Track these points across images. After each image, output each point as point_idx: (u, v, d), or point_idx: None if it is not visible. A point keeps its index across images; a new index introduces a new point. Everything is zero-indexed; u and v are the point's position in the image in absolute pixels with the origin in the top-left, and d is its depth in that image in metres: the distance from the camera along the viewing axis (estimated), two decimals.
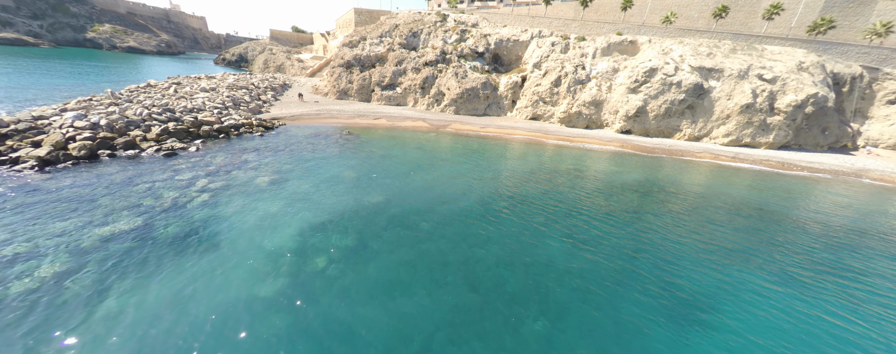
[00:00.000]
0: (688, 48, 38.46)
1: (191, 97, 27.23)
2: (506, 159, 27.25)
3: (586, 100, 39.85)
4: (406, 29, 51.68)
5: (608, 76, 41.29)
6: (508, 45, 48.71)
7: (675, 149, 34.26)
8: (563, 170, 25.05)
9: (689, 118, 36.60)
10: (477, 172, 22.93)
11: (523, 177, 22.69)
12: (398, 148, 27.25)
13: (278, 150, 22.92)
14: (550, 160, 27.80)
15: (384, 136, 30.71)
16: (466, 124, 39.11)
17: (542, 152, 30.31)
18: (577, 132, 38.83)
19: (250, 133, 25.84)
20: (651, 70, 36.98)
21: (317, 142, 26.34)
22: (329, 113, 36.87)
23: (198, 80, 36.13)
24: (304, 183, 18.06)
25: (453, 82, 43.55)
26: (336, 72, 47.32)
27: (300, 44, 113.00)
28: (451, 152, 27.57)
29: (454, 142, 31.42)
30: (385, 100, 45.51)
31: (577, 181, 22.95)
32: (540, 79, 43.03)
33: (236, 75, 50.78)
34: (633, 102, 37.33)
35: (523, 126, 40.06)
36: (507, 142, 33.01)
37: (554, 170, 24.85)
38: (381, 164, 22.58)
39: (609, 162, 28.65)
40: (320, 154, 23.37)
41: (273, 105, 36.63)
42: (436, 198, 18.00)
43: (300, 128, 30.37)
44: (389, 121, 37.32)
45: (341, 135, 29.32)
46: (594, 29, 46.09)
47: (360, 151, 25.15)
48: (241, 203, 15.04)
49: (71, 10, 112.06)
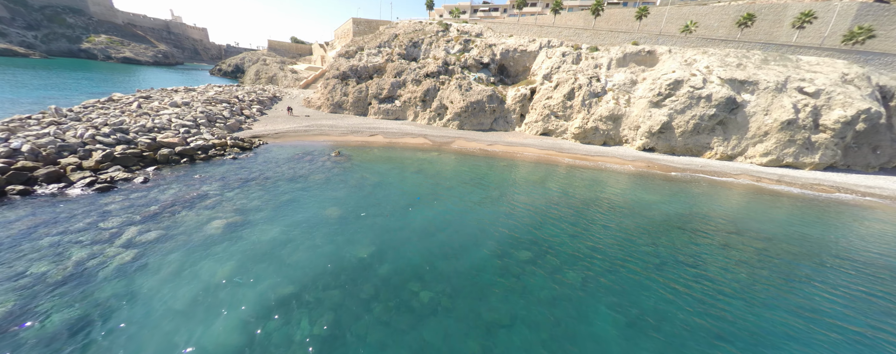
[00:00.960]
0: (714, 59, 35.12)
1: (156, 114, 23.61)
2: (520, 185, 23.34)
3: (603, 114, 36.28)
4: (406, 39, 48.72)
5: (626, 88, 37.85)
6: (515, 56, 45.57)
7: (708, 169, 30.40)
8: (589, 200, 21.09)
9: (720, 135, 32.88)
10: (488, 206, 18.98)
11: (544, 212, 18.72)
12: (395, 172, 23.39)
13: (249, 179, 19.03)
14: (572, 185, 23.89)
15: (380, 157, 26.91)
16: (472, 140, 35.42)
17: (560, 174, 26.44)
18: (594, 149, 35.08)
19: (222, 155, 22.03)
20: (676, 82, 33.51)
21: (299, 165, 22.51)
22: (320, 129, 33.21)
23: (172, 93, 32.62)
24: (272, 227, 14.08)
25: (457, 95, 40.14)
26: (330, 83, 44.01)
27: (299, 54, 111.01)
28: (457, 177, 23.70)
29: (459, 162, 27.61)
30: (383, 114, 42.00)
31: (610, 215, 18.95)
32: (551, 92, 39.60)
33: (221, 87, 47.52)
34: (657, 117, 33.70)
35: (534, 142, 36.37)
36: (519, 162, 29.18)
37: (579, 200, 20.90)
38: (373, 196, 18.65)
39: (639, 186, 24.72)
40: (300, 183, 19.47)
41: (257, 120, 33.02)
42: (439, 248, 13.99)
43: (283, 147, 26.60)
44: (387, 137, 33.64)
45: (330, 156, 25.52)
46: (607, 38, 43.00)
47: (350, 178, 21.28)
48: (176, 266, 11.02)
49: (67, 21, 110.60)
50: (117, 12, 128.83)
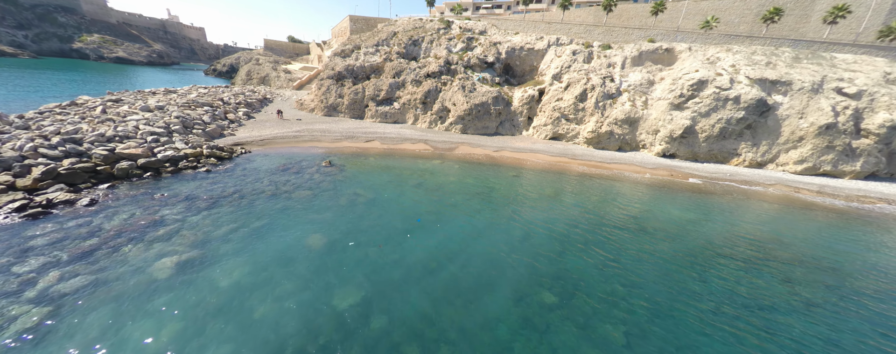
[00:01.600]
0: (740, 57, 32.30)
1: (122, 120, 20.93)
2: (533, 200, 20.58)
3: (618, 117, 33.50)
4: (405, 37, 45.95)
5: (642, 89, 35.06)
6: (522, 54, 42.79)
7: (737, 177, 27.62)
8: (613, 218, 18.34)
9: (748, 140, 30.08)
10: (499, 229, 16.24)
11: (565, 235, 15.98)
12: (392, 186, 20.66)
13: (221, 197, 16.31)
14: (591, 199, 21.13)
15: (376, 167, 24.19)
16: (476, 146, 32.69)
17: (575, 185, 23.67)
18: (609, 155, 32.30)
19: (195, 167, 19.31)
20: (700, 82, 30.72)
21: (284, 178, 19.79)
22: (311, 134, 30.48)
23: (149, 96, 29.83)
24: (237, 266, 11.36)
25: (460, 96, 37.39)
26: (325, 84, 41.28)
27: (296, 54, 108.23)
28: (462, 190, 20.97)
29: (463, 172, 24.88)
30: (380, 117, 39.27)
31: (642, 239, 16.19)
32: (561, 93, 36.83)
33: (207, 88, 44.76)
34: (678, 121, 30.91)
35: (544, 148, 33.62)
36: (528, 171, 26.42)
37: (602, 219, 18.15)
38: (366, 218, 15.92)
39: (666, 200, 21.95)
40: (282, 201, 16.75)
41: (243, 125, 30.30)
42: (444, 291, 11.29)
43: (268, 156, 23.89)
44: (384, 143, 30.92)
45: (320, 166, 22.80)
46: (621, 35, 40.19)
47: (341, 194, 18.55)
48: (96, 332, 8.30)
49: (58, 20, 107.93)
50: (111, 11, 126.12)
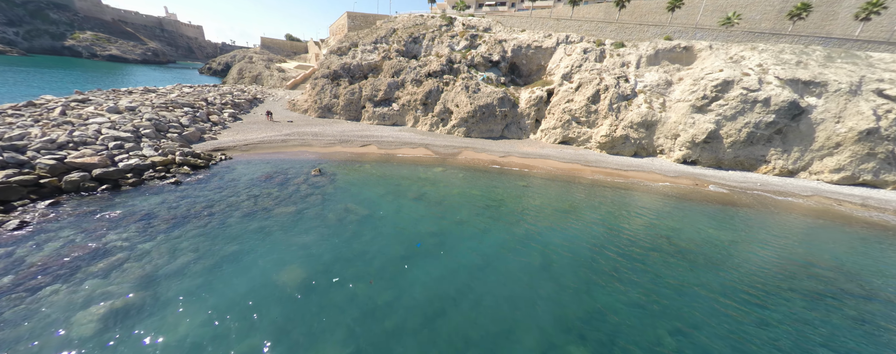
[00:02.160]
0: (767, 55, 29.85)
1: (82, 123, 18.48)
2: (548, 215, 18.11)
3: (634, 120, 31.05)
4: (405, 34, 43.50)
5: (660, 90, 32.62)
6: (528, 53, 40.34)
7: (769, 187, 25.19)
8: (644, 239, 15.88)
9: (778, 146, 27.64)
10: (514, 254, 13.78)
11: (590, 262, 13.52)
12: (389, 199, 18.20)
13: (187, 216, 13.84)
14: (614, 214, 18.67)
15: (372, 176, 21.72)
16: (481, 151, 30.24)
17: (593, 196, 21.20)
18: (625, 162, 29.85)
19: (163, 178, 16.86)
20: (725, 83, 28.27)
21: (265, 190, 17.33)
22: (301, 138, 28.01)
23: (123, 95, 27.28)
24: (185, 316, 8.90)
25: (463, 97, 34.94)
26: (319, 84, 38.80)
27: (294, 52, 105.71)
28: (467, 204, 18.52)
29: (469, 181, 22.42)
30: (378, 119, 36.81)
31: (682, 267, 13.73)
32: (572, 94, 34.38)
33: (192, 87, 42.27)
34: (701, 125, 28.46)
35: (554, 153, 31.17)
36: (539, 180, 23.96)
37: (630, 239, 15.69)
38: (356, 243, 13.47)
39: (698, 215, 19.49)
40: (259, 220, 14.28)
41: (228, 127, 27.82)
42: (450, 346, 8.82)
43: (251, 163, 21.42)
44: (382, 148, 28.46)
45: (309, 175, 20.33)
46: (635, 33, 37.75)
47: (330, 210, 16.10)
48: None
49: (51, 17, 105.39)
50: (105, 8, 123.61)
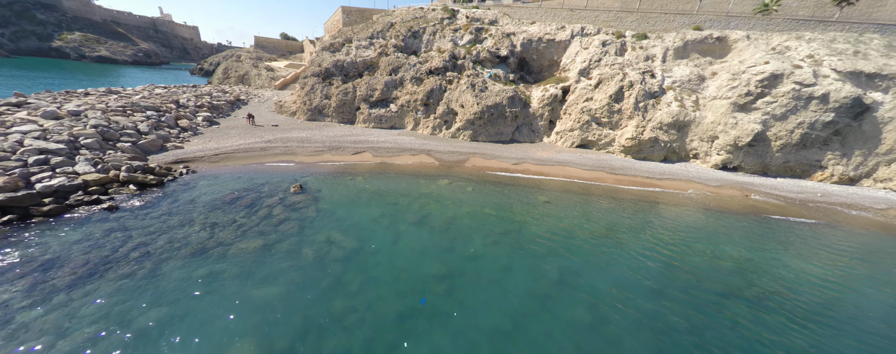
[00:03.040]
0: (817, 45, 26.11)
1: (2, 132, 14.91)
2: (584, 244, 14.44)
3: (664, 120, 27.36)
4: (404, 28, 39.88)
5: (691, 86, 28.92)
6: (540, 47, 36.65)
7: (832, 198, 21.49)
8: (713, 276, 12.22)
9: (837, 149, 23.91)
10: (552, 307, 10.11)
11: (654, 315, 9.89)
12: (384, 224, 14.57)
13: (106, 264, 10.22)
14: (660, 237, 15.00)
15: (364, 192, 18.07)
16: (491, 158, 26.59)
17: (629, 212, 17.52)
18: (656, 168, 26.16)
19: (95, 202, 13.24)
20: (772, 77, 24.54)
21: (226, 218, 13.70)
22: (285, 145, 24.37)
23: (74, 98, 23.56)
24: None
25: (469, 97, 31.28)
26: (308, 83, 35.15)
27: (289, 52, 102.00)
28: (481, 229, 14.88)
29: (480, 197, 18.76)
30: (374, 122, 33.16)
31: (787, 328, 10.05)
32: (591, 92, 30.68)
33: (167, 88, 38.59)
34: (745, 125, 24.74)
35: (573, 159, 27.50)
36: (562, 193, 20.27)
37: (695, 276, 12.03)
38: (337, 297, 9.82)
39: (766, 236, 15.79)
40: (208, 265, 10.66)
41: (200, 133, 24.18)
42: None
43: (219, 178, 17.78)
44: (377, 155, 24.83)
45: (287, 193, 16.71)
46: (658, 23, 34.04)
47: (308, 243, 12.46)
48: None
49: (37, 18, 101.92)
50: (95, 8, 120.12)
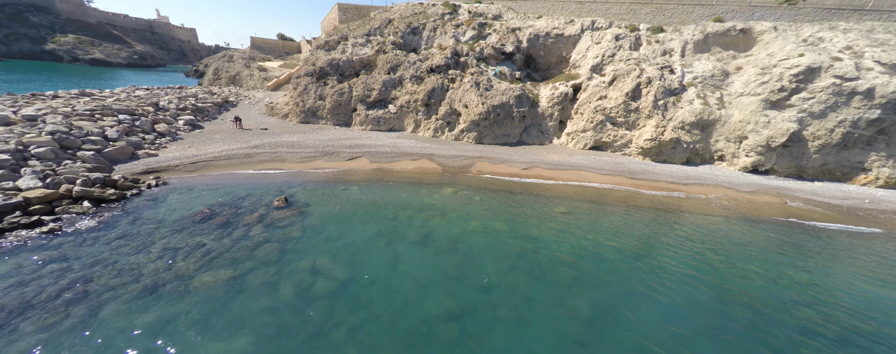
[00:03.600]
0: (856, 35, 23.85)
1: None
2: (615, 267, 12.23)
3: (686, 119, 25.14)
4: (403, 24, 37.73)
5: (714, 82, 26.69)
6: (547, 43, 34.46)
7: (883, 205, 19.22)
8: (782, 310, 10.01)
9: (881, 150, 21.65)
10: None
11: None
12: (381, 245, 12.38)
13: (30, 303, 8.06)
14: (704, 256, 12.78)
15: (359, 204, 15.89)
16: (498, 162, 24.41)
17: (660, 223, 15.31)
18: (679, 172, 23.93)
19: (36, 224, 11.12)
20: (809, 71, 22.30)
21: (193, 241, 11.54)
22: (273, 151, 22.21)
23: (38, 101, 21.36)
24: None
25: (473, 96, 29.09)
26: (301, 83, 33.00)
27: (286, 52, 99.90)
28: (494, 250, 12.67)
29: (489, 207, 16.57)
30: (372, 124, 30.99)
31: None
32: (605, 90, 28.47)
33: (149, 90, 36.45)
34: (779, 124, 22.50)
35: (588, 162, 25.29)
36: (581, 202, 18.04)
37: (768, 315, 9.82)
38: (315, 351, 7.64)
39: (822, 253, 13.57)
40: (157, 308, 8.49)
41: (180, 139, 22.05)
42: None
43: (193, 191, 15.63)
44: (375, 160, 22.66)
45: (269, 208, 14.54)
46: (676, 15, 31.82)
47: (287, 274, 10.29)
48: None
49: (30, 20, 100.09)
50: (89, 10, 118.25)
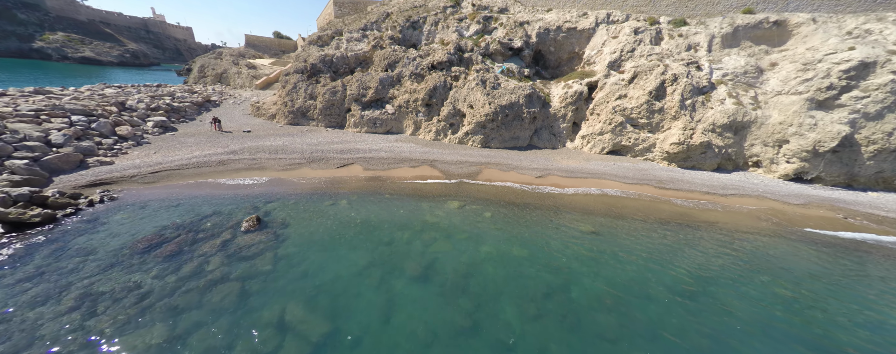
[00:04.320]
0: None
1: None
2: (673, 315, 9.55)
3: (718, 121, 22.51)
4: (401, 18, 35.05)
5: (747, 80, 24.08)
6: (558, 37, 31.81)
7: None
8: None
9: None
10: None
11: None
12: (372, 282, 9.65)
13: None
14: (786, 299, 10.13)
15: (347, 224, 13.17)
16: (509, 168, 21.72)
17: (710, 247, 12.64)
18: (713, 180, 21.27)
19: None
20: (861, 66, 19.69)
21: (127, 279, 8.82)
22: (253, 157, 19.46)
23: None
24: None
25: (479, 95, 26.42)
26: (291, 81, 30.25)
27: (282, 51, 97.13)
28: (514, 285, 9.98)
29: (503, 226, 13.86)
30: (367, 126, 28.27)
31: None
32: (624, 88, 25.82)
33: (121, 87, 33.61)
34: (827, 126, 19.87)
35: (608, 169, 22.63)
36: (608, 218, 15.35)
37: None
38: None
39: None
40: None
41: (146, 143, 19.31)
42: None
43: (145, 209, 12.89)
44: (369, 167, 19.95)
45: (236, 230, 11.83)
46: (700, 6, 29.17)
47: (246, 330, 7.56)
48: None
49: (18, 17, 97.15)
50: (80, 8, 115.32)
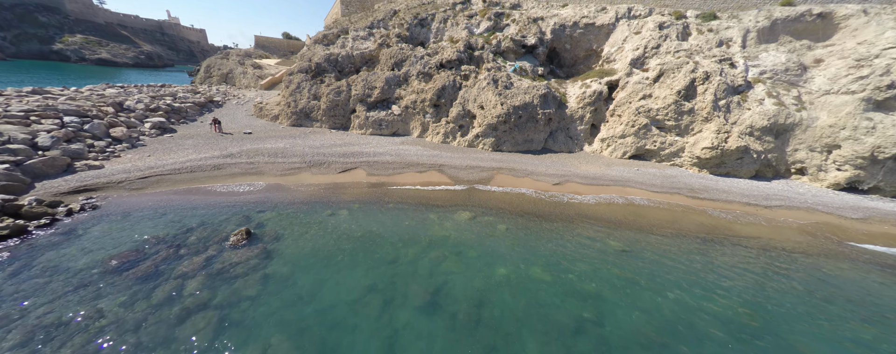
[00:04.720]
0: None
1: None
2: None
3: (756, 123, 20.39)
4: (409, 15, 33.73)
5: (788, 78, 21.85)
6: (575, 34, 29.96)
7: None
8: None
9: None
10: None
11: None
12: (371, 310, 8.19)
13: None
14: (883, 344, 8.26)
15: (346, 238, 11.78)
16: (523, 174, 20.07)
17: (761, 270, 10.76)
18: (753, 189, 19.17)
19: None
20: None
21: (90, 306, 7.58)
22: (250, 161, 18.32)
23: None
24: None
25: (490, 95, 24.83)
26: (295, 81, 29.20)
27: (291, 51, 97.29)
28: (536, 317, 8.38)
29: (520, 242, 12.24)
30: (372, 127, 26.98)
31: None
32: (649, 87, 23.86)
33: (123, 87, 33.15)
34: (888, 130, 17.60)
35: (632, 175, 20.74)
36: (638, 233, 13.54)
37: None
38: None
39: None
40: None
41: (141, 145, 18.39)
42: None
43: (128, 218, 11.76)
44: (373, 172, 18.59)
45: (223, 245, 10.56)
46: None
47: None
48: None
49: (39, 20, 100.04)
50: (98, 11, 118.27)
